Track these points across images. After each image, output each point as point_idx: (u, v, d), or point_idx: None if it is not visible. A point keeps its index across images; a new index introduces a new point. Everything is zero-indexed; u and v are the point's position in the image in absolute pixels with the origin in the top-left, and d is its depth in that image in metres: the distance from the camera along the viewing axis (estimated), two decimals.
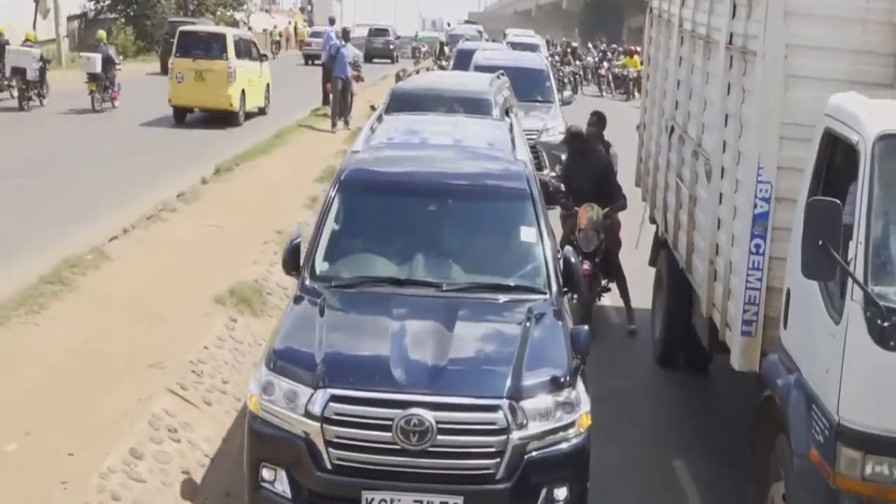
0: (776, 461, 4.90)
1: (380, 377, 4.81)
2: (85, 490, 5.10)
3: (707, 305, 6.51)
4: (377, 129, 7.23)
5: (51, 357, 6.88)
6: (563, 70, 31.95)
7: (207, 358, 7.20)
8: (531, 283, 5.70)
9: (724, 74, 6.28)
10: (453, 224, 6.02)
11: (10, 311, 7.55)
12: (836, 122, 4.71)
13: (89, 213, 11.73)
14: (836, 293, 4.39)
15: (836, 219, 4.18)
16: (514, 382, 4.82)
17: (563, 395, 4.89)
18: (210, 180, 13.90)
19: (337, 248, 5.89)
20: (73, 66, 29.26)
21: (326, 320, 5.21)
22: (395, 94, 11.21)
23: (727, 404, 7.69)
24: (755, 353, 5.59)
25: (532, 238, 5.88)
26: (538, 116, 14.51)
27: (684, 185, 7.41)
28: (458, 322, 5.22)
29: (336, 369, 4.86)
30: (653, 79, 9.66)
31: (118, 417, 5.96)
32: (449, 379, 4.85)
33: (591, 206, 8.89)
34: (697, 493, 6.22)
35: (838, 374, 4.23)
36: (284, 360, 4.99)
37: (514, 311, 5.45)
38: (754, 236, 5.48)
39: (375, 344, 5.11)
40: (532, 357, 5.00)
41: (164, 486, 5.48)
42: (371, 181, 6.18)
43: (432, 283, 5.58)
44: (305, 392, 4.79)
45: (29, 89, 20.42)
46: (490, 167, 6.45)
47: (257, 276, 9.22)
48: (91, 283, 8.52)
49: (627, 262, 9.48)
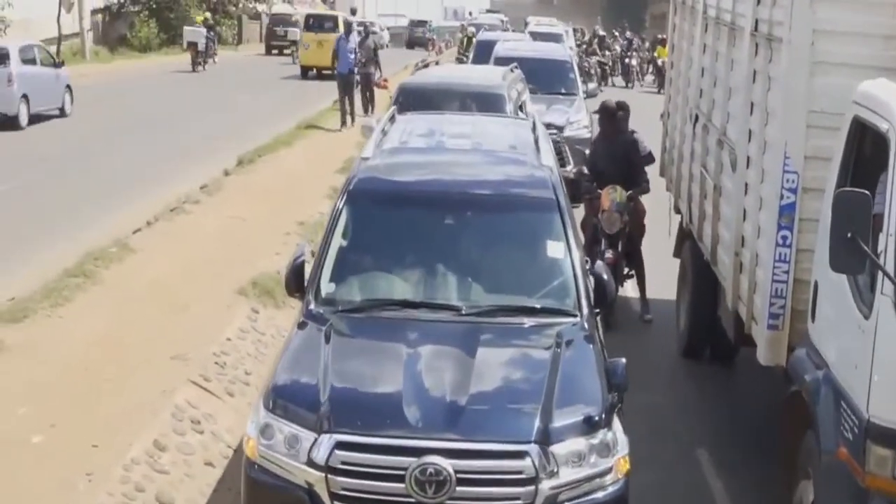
0: (804, 458, 4.83)
1: (391, 419, 4.31)
2: (109, 481, 5.13)
3: (733, 298, 6.43)
4: (389, 130, 6.60)
5: (75, 349, 6.93)
6: (590, 60, 30.02)
7: (230, 349, 7.23)
8: (559, 305, 5.19)
9: (750, 62, 6.19)
10: (473, 239, 5.49)
11: (36, 304, 7.61)
12: (866, 109, 4.62)
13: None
14: (866, 286, 4.30)
15: (865, 210, 4.08)
16: (543, 424, 4.32)
17: (598, 437, 4.39)
18: (232, 172, 13.95)
19: (345, 268, 5.33)
20: (97, 60, 29.54)
21: (332, 351, 4.70)
22: (403, 90, 10.87)
23: (752, 395, 7.61)
24: (782, 347, 5.50)
25: (559, 253, 5.37)
26: (561, 110, 14.03)
27: (709, 175, 7.33)
28: (478, 351, 4.72)
29: (342, 410, 4.36)
30: (677, 67, 9.57)
31: (141, 409, 6.00)
32: (469, 421, 4.33)
33: (614, 188, 8.87)
34: (721, 484, 6.16)
35: (868, 370, 4.15)
36: (285, 400, 4.47)
37: (541, 337, 4.97)
38: (781, 228, 5.39)
39: (387, 379, 4.60)
40: (563, 393, 4.50)
41: (188, 478, 5.50)
42: (382, 191, 5.64)
43: (450, 307, 5.06)
44: (308, 437, 4.29)
45: (199, 57, 29.50)
46: (513, 174, 5.94)
47: (280, 267, 9.21)
48: (114, 276, 8.57)
49: (657, 252, 9.40)
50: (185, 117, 19.59)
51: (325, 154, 15.21)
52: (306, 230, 10.28)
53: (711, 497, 6.06)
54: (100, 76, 25.73)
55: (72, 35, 29.28)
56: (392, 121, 6.89)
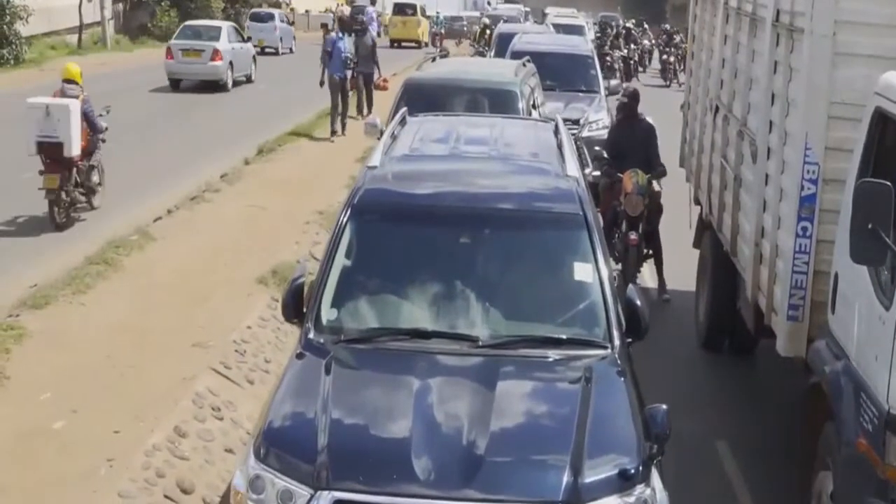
0: (823, 450, 4.81)
1: (399, 473, 3.80)
2: (130, 467, 5.19)
3: (752, 289, 6.41)
4: (399, 134, 6.08)
5: (96, 336, 7.00)
6: (613, 54, 27.46)
7: (250, 337, 7.27)
8: (588, 335, 4.70)
9: (771, 52, 6.16)
10: (491, 259, 4.97)
11: (57, 291, 7.69)
12: (888, 101, 4.58)
13: None
14: (887, 278, 4.28)
15: (886, 201, 4.06)
16: (573, 479, 3.82)
17: (635, 494, 3.88)
18: (252, 161, 14.01)
19: (348, 291, 4.80)
20: (118, 49, 29.66)
21: (332, 389, 4.20)
22: (408, 86, 10.14)
23: (771, 387, 7.60)
24: (802, 338, 5.49)
25: (588, 276, 4.85)
26: (580, 108, 13.31)
27: (729, 166, 7.31)
28: (497, 391, 4.22)
29: (343, 462, 3.87)
30: (697, 57, 9.52)
31: (162, 396, 6.06)
32: (488, 476, 3.83)
33: (635, 172, 9.05)
34: (741, 474, 6.16)
35: (888, 362, 4.13)
36: (278, 448, 3.97)
37: (568, 373, 4.48)
38: (801, 219, 5.37)
39: (394, 423, 4.08)
40: (594, 441, 3.99)
41: (208, 464, 5.55)
42: (391, 205, 5.11)
43: (466, 337, 4.56)
44: (303, 493, 3.81)
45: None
46: (536, 186, 5.41)
47: (299, 256, 9.27)
48: (135, 264, 8.65)
49: (677, 243, 9.39)
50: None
51: (346, 142, 15.25)
52: (326, 219, 10.31)
53: (731, 488, 6.05)
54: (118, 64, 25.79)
55: (93, 24, 29.40)
56: (402, 124, 6.36)
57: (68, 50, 27.41)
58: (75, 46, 28.05)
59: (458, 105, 9.30)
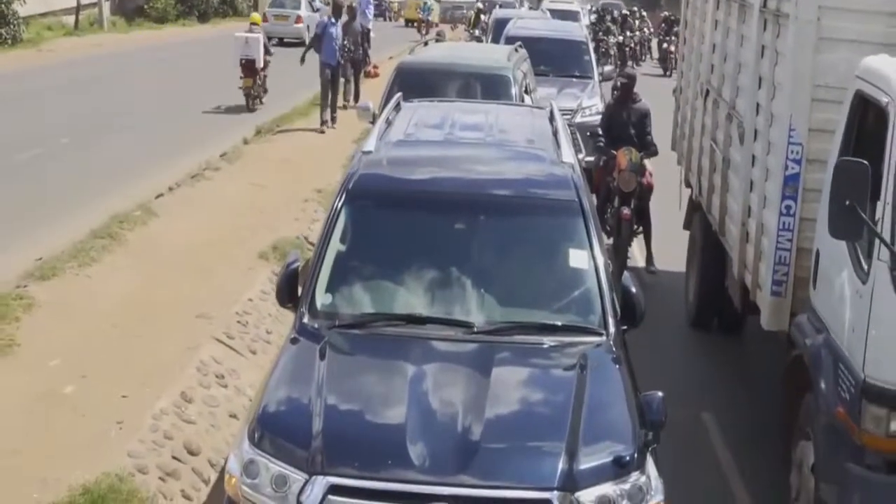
0: (803, 420, 5.01)
1: (393, 460, 3.79)
2: (139, 429, 5.40)
3: (739, 267, 6.62)
4: (394, 120, 6.06)
5: (102, 307, 7.18)
6: (608, 40, 27.40)
7: (252, 309, 7.48)
8: (583, 322, 4.69)
9: (758, 37, 6.35)
10: (487, 245, 4.96)
11: (63, 264, 7.86)
12: (867, 84, 4.78)
13: None
14: (864, 253, 4.48)
15: (863, 179, 4.24)
16: (568, 466, 3.81)
17: (630, 481, 3.86)
18: (251, 141, 14.16)
19: (343, 277, 4.79)
20: (114, 30, 29.68)
21: (327, 374, 4.18)
22: (401, 70, 10.06)
23: (758, 364, 7.81)
24: (785, 313, 5.68)
25: (583, 263, 4.85)
26: (573, 94, 13.16)
27: (718, 148, 7.51)
28: (493, 377, 4.21)
29: (337, 448, 3.85)
30: (689, 42, 9.71)
31: (168, 363, 6.25)
32: (483, 462, 3.81)
33: (629, 150, 9.32)
34: (725, 445, 6.38)
35: (864, 333, 4.33)
36: (272, 433, 3.96)
37: (563, 360, 4.50)
38: (785, 197, 5.57)
39: (389, 409, 4.08)
40: (589, 428, 3.98)
41: (213, 428, 5.76)
42: (386, 190, 5.11)
43: (461, 323, 4.54)
44: (298, 478, 3.80)
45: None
46: (531, 172, 5.41)
47: (299, 232, 9.47)
48: (139, 238, 8.82)
49: (667, 225, 9.60)
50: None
51: (343, 123, 15.39)
52: (324, 197, 10.50)
53: (716, 458, 6.27)
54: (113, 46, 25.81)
55: (89, 5, 29.38)
56: (397, 109, 6.34)
57: (65, 31, 27.40)
58: (72, 27, 28.03)
59: (451, 90, 9.32)
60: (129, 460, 5.11)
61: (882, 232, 4.29)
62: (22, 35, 23.99)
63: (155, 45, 26.00)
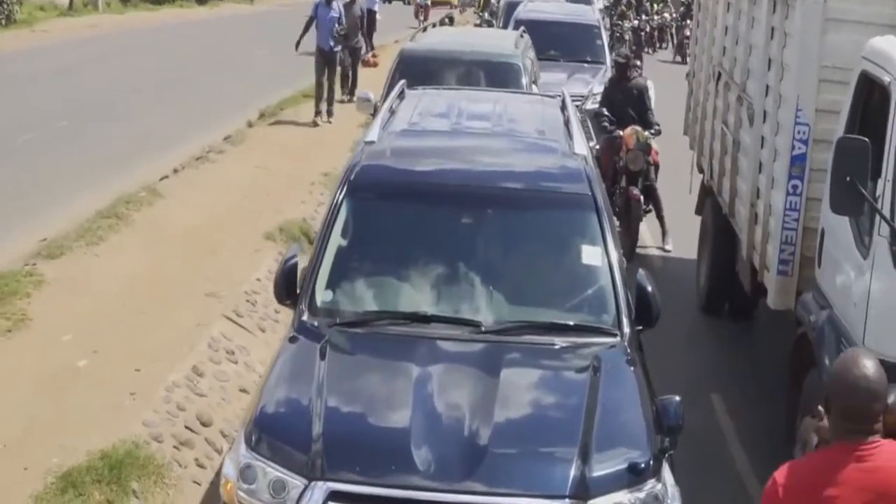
0: (807, 396, 5.05)
1: (397, 464, 3.63)
2: (152, 400, 5.48)
3: (748, 248, 6.67)
4: (397, 108, 5.80)
5: (112, 284, 7.24)
6: (623, 25, 26.08)
7: (260, 289, 7.53)
8: (596, 322, 4.50)
9: (768, 19, 6.41)
10: (495, 241, 4.73)
11: (72, 242, 7.92)
12: (873, 64, 4.84)
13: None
14: (865, 229, 4.57)
15: (864, 156, 4.30)
16: (580, 473, 3.64)
17: (645, 489, 3.68)
18: (255, 124, 14.19)
19: (344, 272, 4.58)
20: (108, 11, 29.60)
21: (327, 374, 4.00)
22: (404, 56, 9.69)
23: (767, 348, 7.84)
24: (791, 292, 5.76)
25: (597, 260, 4.63)
26: (584, 80, 12.74)
27: (729, 131, 7.56)
28: (502, 379, 4.02)
29: (338, 451, 3.68)
30: (703, 26, 9.75)
31: (179, 340, 6.33)
32: (491, 468, 3.64)
33: (635, 129, 9.42)
34: (732, 425, 6.45)
35: (865, 306, 4.42)
36: (270, 436, 3.78)
37: (576, 361, 4.31)
38: (792, 177, 5.64)
39: (392, 411, 3.90)
40: (602, 433, 3.80)
41: (224, 402, 5.85)
42: (389, 182, 4.89)
43: (468, 322, 4.34)
44: (297, 483, 3.63)
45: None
46: (542, 164, 5.18)
47: (305, 215, 9.53)
48: (145, 219, 8.87)
49: (678, 210, 9.64)
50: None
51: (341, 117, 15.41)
52: (331, 180, 10.54)
53: (723, 437, 6.34)
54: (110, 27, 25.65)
55: None
56: (401, 97, 6.09)
57: (58, 11, 27.37)
58: (65, 8, 27.99)
59: (457, 78, 9.00)
60: (144, 429, 5.20)
61: (882, 208, 4.36)
62: (16, 16, 24.02)
63: (152, 27, 25.95)
